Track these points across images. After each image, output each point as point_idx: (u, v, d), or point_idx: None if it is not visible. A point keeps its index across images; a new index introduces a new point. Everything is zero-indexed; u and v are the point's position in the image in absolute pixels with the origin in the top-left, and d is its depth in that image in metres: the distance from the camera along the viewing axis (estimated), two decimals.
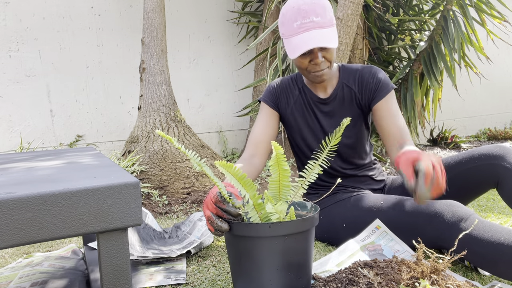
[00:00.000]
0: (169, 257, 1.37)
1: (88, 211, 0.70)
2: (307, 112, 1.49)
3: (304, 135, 1.51)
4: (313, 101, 1.48)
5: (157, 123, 2.59)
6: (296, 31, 1.28)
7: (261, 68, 3.53)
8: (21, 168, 0.96)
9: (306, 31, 1.27)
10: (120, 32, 3.30)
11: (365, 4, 3.36)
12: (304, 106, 1.49)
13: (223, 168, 0.93)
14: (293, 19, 1.29)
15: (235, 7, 3.82)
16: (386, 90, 1.41)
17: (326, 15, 1.29)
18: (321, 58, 1.30)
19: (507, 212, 1.82)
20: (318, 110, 1.48)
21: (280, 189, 1.02)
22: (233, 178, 0.94)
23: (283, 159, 0.97)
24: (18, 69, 2.96)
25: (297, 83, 1.51)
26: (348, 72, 1.47)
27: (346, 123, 1.07)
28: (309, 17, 1.26)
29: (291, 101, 1.50)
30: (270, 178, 1.01)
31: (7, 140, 2.95)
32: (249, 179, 0.96)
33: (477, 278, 1.14)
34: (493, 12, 3.40)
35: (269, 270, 0.95)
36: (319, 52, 1.30)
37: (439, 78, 3.45)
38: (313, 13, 1.26)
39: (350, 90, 1.45)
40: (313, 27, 1.27)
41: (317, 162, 1.05)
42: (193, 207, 2.22)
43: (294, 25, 1.29)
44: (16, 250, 1.61)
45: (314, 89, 1.48)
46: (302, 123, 1.50)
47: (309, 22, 1.26)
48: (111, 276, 0.75)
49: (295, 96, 1.50)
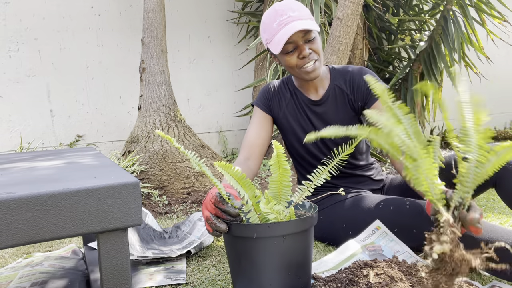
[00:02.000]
0: (169, 257, 1.37)
1: (88, 211, 0.70)
2: (300, 114, 1.49)
3: (298, 137, 1.51)
4: (305, 103, 1.48)
5: (157, 123, 2.59)
6: (277, 29, 1.31)
7: (261, 68, 3.53)
8: (21, 168, 0.96)
9: (285, 25, 1.29)
10: (120, 32, 3.30)
11: (365, 4, 3.36)
12: (297, 108, 1.50)
13: (222, 168, 0.93)
14: (272, 20, 1.32)
15: (235, 7, 3.82)
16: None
17: (302, 10, 1.32)
18: (308, 50, 1.31)
19: (507, 212, 1.81)
20: (311, 111, 1.48)
21: (280, 189, 1.02)
22: (232, 179, 0.94)
23: (284, 159, 0.97)
24: (18, 69, 2.96)
25: (288, 86, 1.52)
26: (339, 73, 1.47)
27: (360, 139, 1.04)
28: (286, 13, 1.30)
29: (283, 104, 1.50)
30: (271, 178, 1.01)
31: (7, 140, 2.95)
32: (249, 179, 0.96)
33: (477, 278, 1.14)
34: (493, 12, 3.40)
35: (268, 270, 0.95)
36: (305, 44, 1.31)
37: (439, 78, 3.45)
38: (289, 10, 1.30)
39: (342, 91, 1.45)
40: (291, 20, 1.29)
41: (326, 168, 1.04)
42: (193, 207, 2.22)
43: (274, 25, 1.31)
44: (16, 250, 1.61)
45: (305, 91, 1.49)
46: (295, 125, 1.50)
47: (287, 18, 1.29)
48: (111, 276, 0.75)
49: (287, 99, 1.50)
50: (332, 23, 2.49)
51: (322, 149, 1.49)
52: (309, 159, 1.53)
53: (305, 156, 1.52)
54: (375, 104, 1.40)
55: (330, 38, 2.48)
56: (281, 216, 0.98)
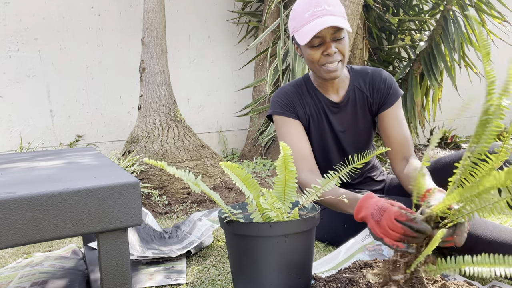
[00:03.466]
0: (169, 257, 1.37)
1: (88, 211, 0.70)
2: (321, 118, 1.43)
3: (319, 141, 1.46)
4: (327, 105, 1.42)
5: (157, 123, 2.59)
6: (308, 19, 1.25)
7: (261, 68, 3.53)
8: (21, 168, 0.96)
9: (318, 18, 1.24)
10: (120, 32, 3.30)
11: (365, 4, 3.36)
12: (318, 111, 1.43)
13: (227, 168, 0.93)
14: (305, 9, 1.26)
15: (235, 7, 3.81)
16: (396, 97, 1.38)
17: (338, 6, 1.27)
18: (334, 48, 1.26)
19: (507, 212, 1.81)
20: (332, 114, 1.43)
21: (285, 190, 1.02)
22: (237, 179, 0.94)
23: (290, 160, 0.97)
24: (18, 69, 2.96)
25: (307, 88, 1.44)
26: (358, 74, 1.43)
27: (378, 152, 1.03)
28: (321, 5, 1.25)
29: (306, 108, 1.43)
30: (276, 178, 1.01)
31: (7, 140, 2.94)
32: (253, 179, 0.95)
33: (477, 278, 1.14)
34: (493, 12, 3.40)
35: (269, 269, 0.95)
36: (332, 42, 1.26)
37: (439, 78, 3.45)
38: (325, 2, 1.25)
39: (362, 93, 1.41)
40: (325, 14, 1.24)
41: (337, 174, 1.02)
42: (193, 207, 2.22)
43: (306, 15, 1.26)
44: (16, 250, 1.61)
45: (325, 92, 1.42)
46: (316, 129, 1.44)
47: (321, 10, 1.24)
48: (111, 276, 0.75)
49: (309, 102, 1.43)
50: None
51: (340, 155, 1.47)
52: (320, 162, 1.49)
53: (321, 160, 1.47)
54: (389, 110, 1.38)
55: None
56: (283, 216, 0.98)
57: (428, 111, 3.76)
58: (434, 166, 1.43)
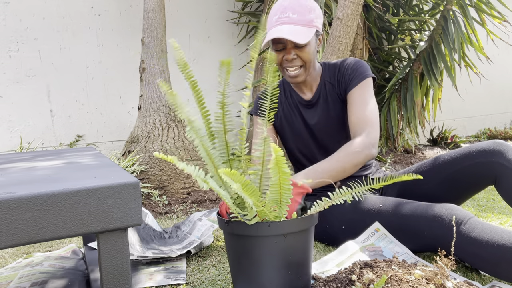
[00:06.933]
0: (169, 257, 1.37)
1: (88, 211, 0.70)
2: (295, 117, 1.50)
3: (294, 140, 1.52)
4: (300, 104, 1.49)
5: (157, 123, 2.59)
6: (273, 24, 1.31)
7: (261, 68, 3.53)
8: (21, 168, 0.96)
9: (280, 25, 1.30)
10: (120, 32, 3.30)
11: (365, 4, 3.36)
12: (291, 110, 1.50)
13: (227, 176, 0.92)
14: (273, 14, 1.32)
15: (235, 7, 3.81)
16: (359, 78, 1.38)
17: (305, 15, 1.30)
18: (293, 55, 1.32)
19: (507, 212, 1.82)
20: (305, 111, 1.49)
21: (281, 192, 1.01)
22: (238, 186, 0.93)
23: (283, 161, 0.95)
24: (18, 69, 2.96)
25: (284, 87, 1.53)
26: (329, 68, 1.47)
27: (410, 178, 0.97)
28: (286, 12, 1.30)
29: (279, 108, 1.51)
30: (270, 181, 1.00)
31: (7, 140, 2.95)
32: (253, 185, 0.94)
33: (477, 278, 1.14)
34: (493, 12, 3.40)
35: (268, 269, 0.95)
36: (292, 49, 1.32)
37: (439, 78, 3.45)
38: (291, 10, 1.29)
39: (331, 85, 1.45)
40: (287, 22, 1.29)
41: (350, 191, 0.99)
42: (193, 207, 2.22)
43: (273, 19, 1.32)
44: (16, 250, 1.61)
45: (299, 91, 1.49)
46: (291, 127, 1.51)
47: (285, 17, 1.29)
48: (111, 276, 0.75)
49: (283, 101, 1.52)
50: (332, 23, 2.49)
51: (317, 147, 1.50)
52: (304, 162, 1.53)
53: (299, 157, 1.53)
54: (352, 91, 1.38)
55: (330, 38, 2.48)
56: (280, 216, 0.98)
57: (428, 111, 3.76)
58: (432, 164, 1.43)
